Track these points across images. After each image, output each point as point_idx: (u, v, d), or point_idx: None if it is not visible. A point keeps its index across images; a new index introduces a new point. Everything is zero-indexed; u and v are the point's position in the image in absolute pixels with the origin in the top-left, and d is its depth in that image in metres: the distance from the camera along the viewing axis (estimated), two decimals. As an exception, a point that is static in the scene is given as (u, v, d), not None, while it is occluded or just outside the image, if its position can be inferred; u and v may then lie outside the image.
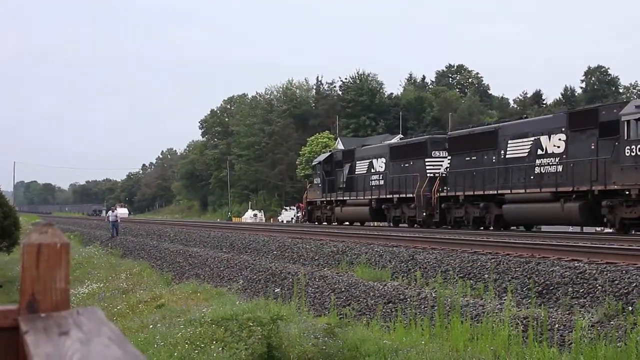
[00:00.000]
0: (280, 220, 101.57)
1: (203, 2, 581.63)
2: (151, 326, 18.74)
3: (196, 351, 14.84)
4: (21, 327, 2.22)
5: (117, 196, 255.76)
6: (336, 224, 61.58)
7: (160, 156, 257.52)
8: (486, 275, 21.05)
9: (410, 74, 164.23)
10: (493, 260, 22.27)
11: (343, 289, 23.65)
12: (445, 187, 47.57)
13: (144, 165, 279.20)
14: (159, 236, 55.08)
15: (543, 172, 39.21)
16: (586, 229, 42.25)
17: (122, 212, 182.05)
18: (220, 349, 14.88)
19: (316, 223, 65.90)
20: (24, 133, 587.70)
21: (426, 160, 50.84)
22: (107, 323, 2.21)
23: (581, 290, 17.83)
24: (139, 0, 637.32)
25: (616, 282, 17.34)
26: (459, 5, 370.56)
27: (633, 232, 34.68)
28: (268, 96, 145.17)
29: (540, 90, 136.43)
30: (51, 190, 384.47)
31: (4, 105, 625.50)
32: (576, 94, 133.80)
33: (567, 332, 15.37)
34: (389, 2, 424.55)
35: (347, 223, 61.47)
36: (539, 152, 39.55)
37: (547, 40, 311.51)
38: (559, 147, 38.39)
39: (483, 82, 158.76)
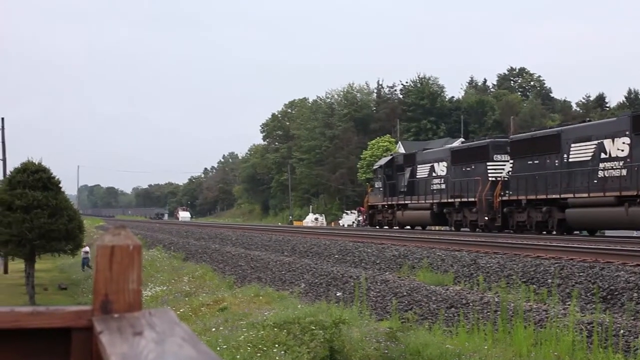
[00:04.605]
0: (341, 224, 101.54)
1: (269, 8, 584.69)
2: (214, 329, 18.85)
3: (258, 354, 14.92)
4: (95, 328, 2.26)
5: (179, 200, 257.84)
6: (397, 227, 61.46)
7: (222, 160, 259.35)
8: (549, 280, 20.87)
9: (472, 78, 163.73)
10: (556, 264, 22.09)
11: (405, 293, 23.61)
12: (507, 191, 47.21)
13: (205, 169, 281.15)
14: (221, 240, 55.38)
15: (607, 176, 38.69)
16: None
17: (184, 215, 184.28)
18: (282, 352, 14.94)
19: (377, 227, 65.82)
20: (87, 137, 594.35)
21: (488, 164, 50.50)
22: (179, 324, 2.24)
23: (647, 296, 17.62)
24: (201, 2, 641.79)
25: (683, 287, 17.10)
26: (519, 7, 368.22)
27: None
28: (329, 100, 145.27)
29: (603, 93, 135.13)
30: (114, 193, 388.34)
31: (68, 109, 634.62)
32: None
33: (632, 338, 15.19)
34: (450, 5, 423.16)
35: (409, 227, 61.31)
36: (603, 155, 39.05)
37: (611, 41, 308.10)
38: (622, 150, 37.87)
39: (545, 85, 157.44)
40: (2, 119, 65.17)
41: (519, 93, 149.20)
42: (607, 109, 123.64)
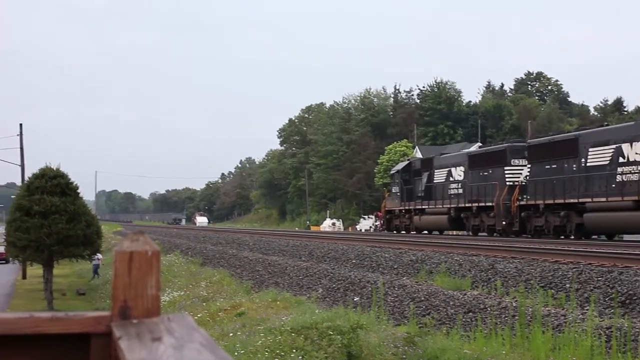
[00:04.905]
0: (358, 229, 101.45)
1: (285, 16, 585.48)
2: (231, 334, 18.86)
3: (276, 359, 14.91)
4: (114, 333, 2.26)
5: (196, 205, 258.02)
6: (415, 232, 61.40)
7: (239, 165, 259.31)
8: (567, 285, 20.80)
9: (489, 82, 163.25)
10: (574, 269, 22.01)
11: (422, 298, 23.58)
12: (525, 196, 47.08)
13: (223, 174, 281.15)
14: (238, 245, 55.42)
15: (625, 180, 38.52)
16: (670, 238, 41.49)
17: (201, 220, 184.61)
18: (300, 357, 14.93)
19: (394, 232, 65.80)
20: (105, 142, 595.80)
21: (505, 168, 50.38)
22: (197, 329, 2.24)
23: (666, 301, 17.54)
24: (216, 6, 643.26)
25: (702, 292, 17.02)
26: (536, 9, 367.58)
27: None
28: (346, 105, 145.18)
29: (621, 97, 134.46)
30: (132, 199, 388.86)
31: (85, 114, 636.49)
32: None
33: (651, 342, 15.13)
34: (467, 9, 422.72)
35: (426, 232, 61.21)
36: (621, 160, 38.89)
37: (627, 45, 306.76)
38: (641, 154, 37.74)
39: (562, 90, 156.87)
40: (21, 125, 65.30)
41: (537, 97, 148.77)
42: (625, 113, 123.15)
